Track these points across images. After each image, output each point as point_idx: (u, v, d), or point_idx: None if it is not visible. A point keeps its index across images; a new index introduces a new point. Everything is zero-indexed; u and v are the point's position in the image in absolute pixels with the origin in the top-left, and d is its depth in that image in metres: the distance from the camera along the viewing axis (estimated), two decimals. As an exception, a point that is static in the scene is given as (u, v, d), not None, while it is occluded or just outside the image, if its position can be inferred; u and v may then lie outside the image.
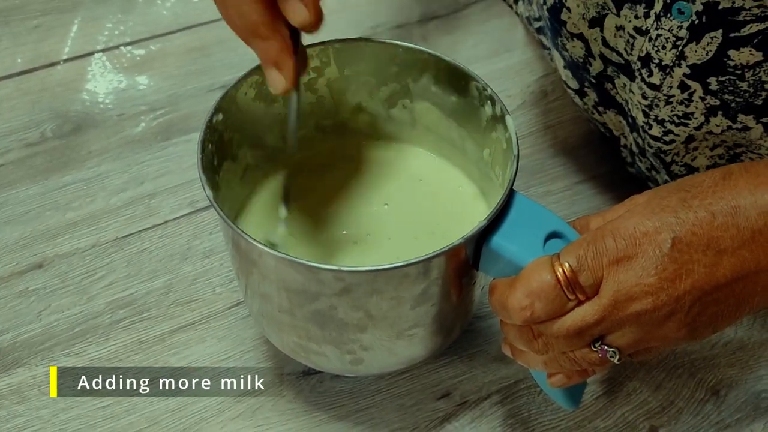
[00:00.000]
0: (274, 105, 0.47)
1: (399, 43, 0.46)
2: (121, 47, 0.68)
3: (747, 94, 0.43)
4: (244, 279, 0.43)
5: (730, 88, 0.43)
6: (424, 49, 0.46)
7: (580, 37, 0.49)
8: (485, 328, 0.52)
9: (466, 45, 0.70)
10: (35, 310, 0.52)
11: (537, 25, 0.58)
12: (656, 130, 0.48)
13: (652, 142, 0.49)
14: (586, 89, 0.54)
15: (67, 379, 0.48)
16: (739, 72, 0.42)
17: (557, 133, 0.64)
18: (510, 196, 0.40)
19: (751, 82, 0.42)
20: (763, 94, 0.43)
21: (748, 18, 0.40)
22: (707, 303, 0.35)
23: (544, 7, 0.51)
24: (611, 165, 0.61)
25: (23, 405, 0.47)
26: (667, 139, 0.48)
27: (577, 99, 0.57)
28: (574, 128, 0.64)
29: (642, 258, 0.35)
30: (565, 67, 0.55)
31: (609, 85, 0.51)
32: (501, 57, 0.69)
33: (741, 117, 0.44)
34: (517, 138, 0.42)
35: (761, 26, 0.40)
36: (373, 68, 0.48)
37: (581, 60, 0.50)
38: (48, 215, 0.57)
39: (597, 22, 0.47)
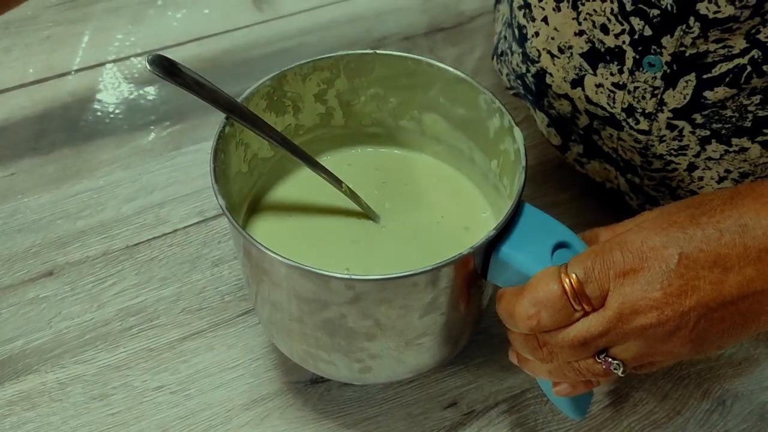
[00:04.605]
0: (285, 116, 0.48)
1: (408, 55, 0.47)
2: (132, 58, 0.69)
3: (734, 119, 0.44)
4: (254, 287, 0.43)
5: (716, 118, 0.44)
6: (432, 61, 0.47)
7: (566, 96, 0.50)
8: (492, 338, 0.52)
9: (472, 57, 0.71)
10: (46, 318, 0.52)
11: (512, 92, 0.59)
12: (657, 164, 0.49)
13: (655, 175, 0.50)
14: (570, 143, 0.55)
15: (77, 385, 0.49)
16: (719, 104, 0.43)
17: (563, 145, 0.64)
18: (518, 207, 0.40)
19: (734, 108, 0.43)
20: (749, 116, 0.43)
21: (716, 59, 0.42)
22: (713, 320, 0.35)
23: (528, 75, 0.53)
24: (617, 176, 0.62)
25: (33, 411, 0.48)
26: (669, 168, 0.49)
27: (559, 154, 0.58)
28: (580, 140, 0.64)
29: (648, 272, 0.35)
30: (549, 126, 0.56)
31: (596, 137, 0.52)
32: (507, 69, 0.70)
33: (735, 140, 0.45)
34: (525, 149, 0.42)
35: (730, 65, 0.42)
36: (381, 80, 0.48)
37: (569, 115, 0.52)
38: (59, 223, 0.57)
39: (578, 82, 0.49)
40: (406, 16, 0.74)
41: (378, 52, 0.47)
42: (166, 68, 0.42)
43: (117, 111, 0.65)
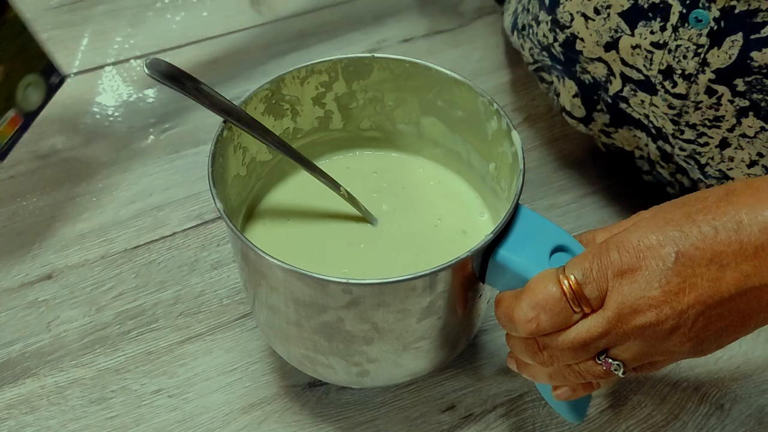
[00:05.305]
0: (284, 119, 0.48)
1: (406, 58, 0.47)
2: (131, 60, 0.69)
3: None
4: (252, 291, 0.43)
5: (758, 87, 0.43)
6: (430, 64, 0.47)
7: (599, 59, 0.50)
8: (490, 342, 0.52)
9: (471, 59, 0.71)
10: (45, 321, 0.52)
11: (533, 67, 0.59)
12: (689, 134, 0.48)
13: (686, 145, 0.49)
14: (595, 114, 0.54)
15: (76, 389, 0.49)
16: (765, 71, 0.42)
17: (563, 147, 0.64)
18: (516, 210, 0.40)
19: None
20: None
21: (766, 19, 0.41)
22: (711, 318, 0.35)
23: (555, 44, 0.52)
24: (617, 178, 0.62)
25: (32, 415, 0.48)
26: (701, 141, 0.48)
27: (581, 127, 0.57)
28: (579, 141, 0.64)
29: (646, 271, 0.35)
30: (575, 96, 0.55)
31: (624, 105, 0.51)
32: (507, 71, 0.70)
33: None
34: (523, 152, 0.42)
35: None
36: (380, 83, 0.48)
37: (603, 79, 0.51)
38: (58, 226, 0.57)
39: (612, 45, 0.48)
40: (405, 18, 0.74)
41: (376, 55, 0.47)
42: (163, 72, 0.42)
43: (116, 114, 0.65)
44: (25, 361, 0.50)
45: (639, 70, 0.47)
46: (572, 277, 0.36)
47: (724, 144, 0.47)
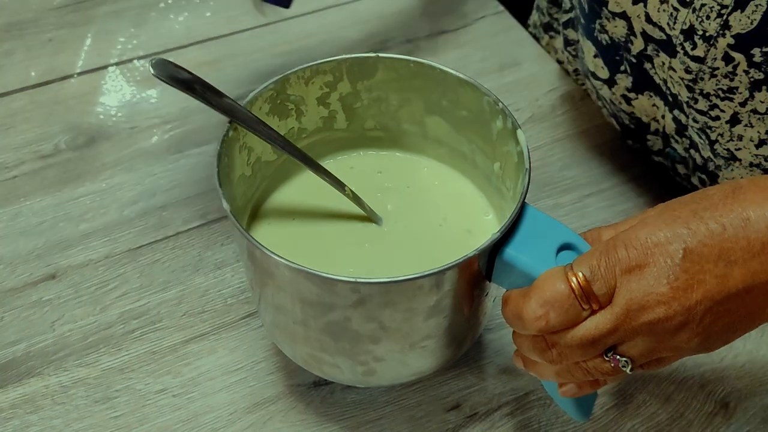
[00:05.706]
0: (288, 119, 0.48)
1: (410, 58, 0.47)
2: (134, 60, 0.69)
3: None
4: (258, 290, 0.43)
5: None
6: (435, 64, 0.47)
7: (623, 15, 0.49)
8: (495, 340, 0.52)
9: (474, 59, 0.71)
10: (49, 321, 0.52)
11: (565, 18, 0.58)
12: (702, 104, 0.48)
13: (698, 116, 0.49)
14: (618, 76, 0.54)
15: (80, 388, 0.49)
16: None
17: (566, 146, 0.64)
18: (522, 209, 0.40)
19: None
20: None
21: None
22: (719, 313, 0.35)
23: None
24: (621, 177, 0.62)
25: (36, 414, 0.48)
26: (712, 114, 0.48)
27: (604, 90, 0.56)
28: (582, 141, 0.65)
29: (654, 268, 0.35)
30: (596, 56, 0.55)
31: (648, 65, 0.51)
32: (509, 71, 0.70)
33: None
34: (528, 151, 0.42)
35: None
36: (384, 83, 0.48)
37: (623, 39, 0.51)
38: (61, 226, 0.57)
39: None
40: (409, 18, 0.74)
41: (380, 54, 0.47)
42: (169, 72, 0.42)
43: (120, 114, 0.65)
44: (29, 361, 0.50)
45: (662, 29, 0.47)
46: (580, 274, 0.36)
47: (734, 120, 0.47)
